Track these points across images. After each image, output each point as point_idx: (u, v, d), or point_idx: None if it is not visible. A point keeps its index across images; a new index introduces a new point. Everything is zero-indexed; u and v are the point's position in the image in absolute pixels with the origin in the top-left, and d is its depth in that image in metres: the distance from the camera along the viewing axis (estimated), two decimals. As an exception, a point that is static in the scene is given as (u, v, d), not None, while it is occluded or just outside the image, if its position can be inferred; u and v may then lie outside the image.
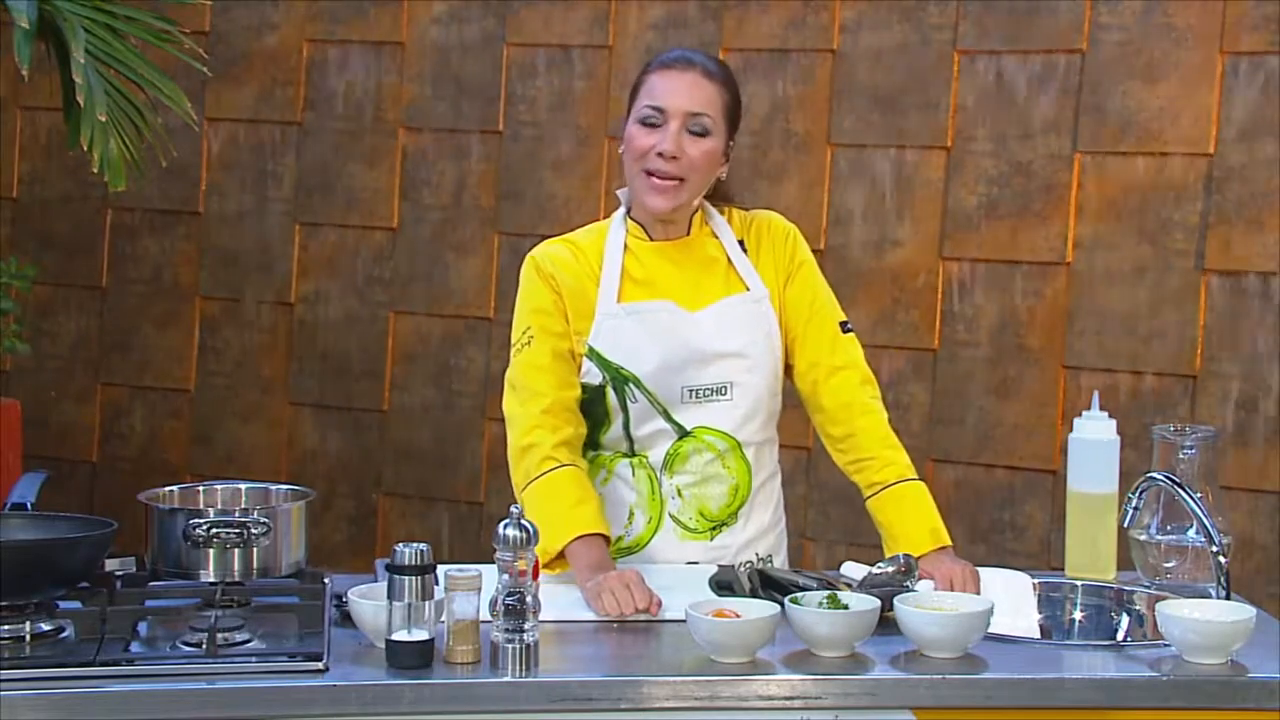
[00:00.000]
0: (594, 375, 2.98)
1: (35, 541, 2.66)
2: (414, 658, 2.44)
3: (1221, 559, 2.79)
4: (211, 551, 2.72)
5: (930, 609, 2.58)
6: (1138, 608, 2.95)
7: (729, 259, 3.03)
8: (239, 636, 2.54)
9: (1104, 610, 2.99)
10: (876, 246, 4.68)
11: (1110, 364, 4.47)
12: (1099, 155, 4.49)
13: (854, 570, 2.83)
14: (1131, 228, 4.46)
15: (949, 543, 2.94)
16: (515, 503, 2.57)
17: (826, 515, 4.68)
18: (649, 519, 3.02)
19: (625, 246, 3.01)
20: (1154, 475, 2.87)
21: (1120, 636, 2.95)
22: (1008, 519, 4.57)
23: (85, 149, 4.14)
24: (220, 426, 5.33)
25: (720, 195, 3.09)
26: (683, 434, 3.00)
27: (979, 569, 2.88)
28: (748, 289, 3.02)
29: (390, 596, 2.45)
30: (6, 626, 2.51)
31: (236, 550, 2.72)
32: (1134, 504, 2.89)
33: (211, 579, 2.72)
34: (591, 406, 3.00)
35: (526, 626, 2.44)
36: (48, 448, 5.31)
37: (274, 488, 2.99)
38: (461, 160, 5.09)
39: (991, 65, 4.58)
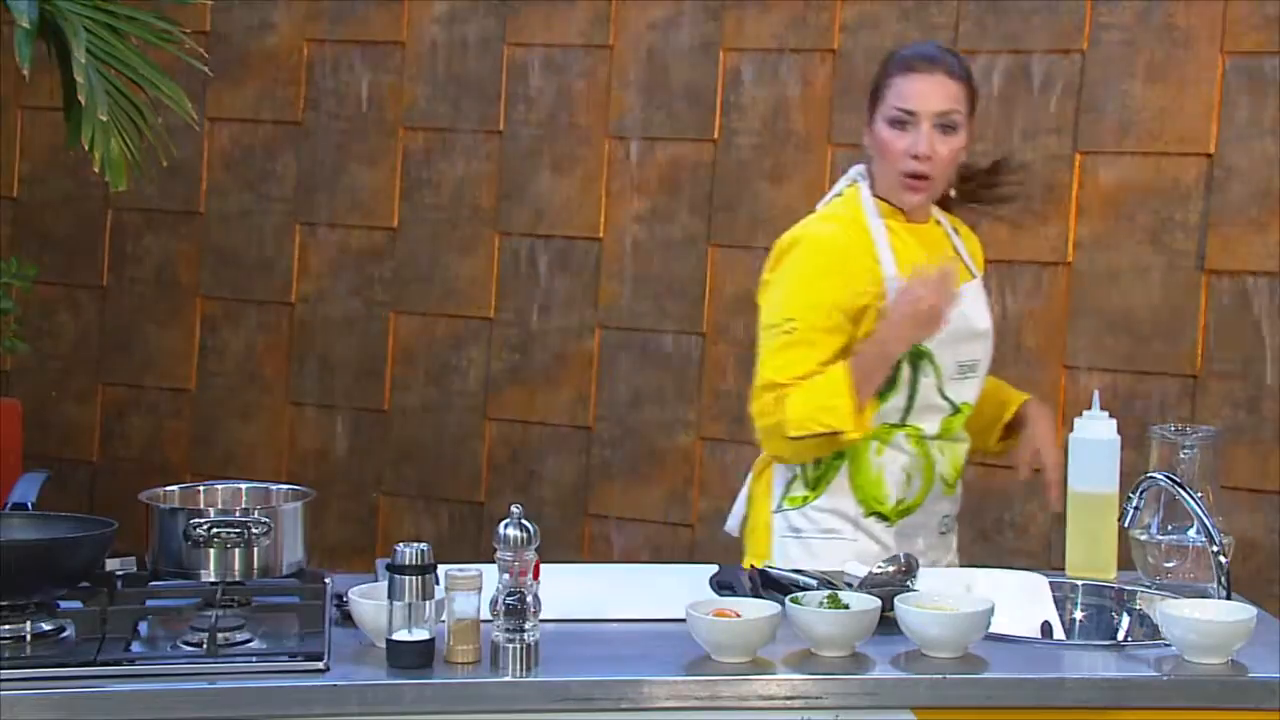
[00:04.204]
0: None
1: (35, 541, 2.66)
2: (414, 657, 2.44)
3: (1222, 559, 2.79)
4: (212, 551, 2.72)
5: (930, 609, 2.58)
6: (1138, 608, 2.95)
7: (955, 247, 3.24)
8: (239, 636, 2.54)
9: (1104, 610, 2.99)
10: (877, 246, 4.68)
11: (1110, 364, 4.47)
12: (1099, 155, 4.49)
13: (854, 570, 2.83)
14: (1131, 228, 4.45)
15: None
16: (516, 503, 2.57)
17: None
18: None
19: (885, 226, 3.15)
20: (1154, 475, 2.87)
21: (1121, 636, 2.95)
22: (1008, 519, 4.57)
23: (86, 149, 4.14)
24: (220, 426, 5.33)
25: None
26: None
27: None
28: (974, 276, 3.26)
29: (391, 596, 2.45)
30: (7, 626, 2.50)
31: (237, 550, 2.72)
32: (1134, 504, 2.89)
33: (212, 579, 2.71)
34: None
35: (527, 626, 2.44)
36: (48, 448, 5.31)
37: (274, 487, 2.99)
38: (461, 160, 5.08)
39: (991, 65, 4.58)
